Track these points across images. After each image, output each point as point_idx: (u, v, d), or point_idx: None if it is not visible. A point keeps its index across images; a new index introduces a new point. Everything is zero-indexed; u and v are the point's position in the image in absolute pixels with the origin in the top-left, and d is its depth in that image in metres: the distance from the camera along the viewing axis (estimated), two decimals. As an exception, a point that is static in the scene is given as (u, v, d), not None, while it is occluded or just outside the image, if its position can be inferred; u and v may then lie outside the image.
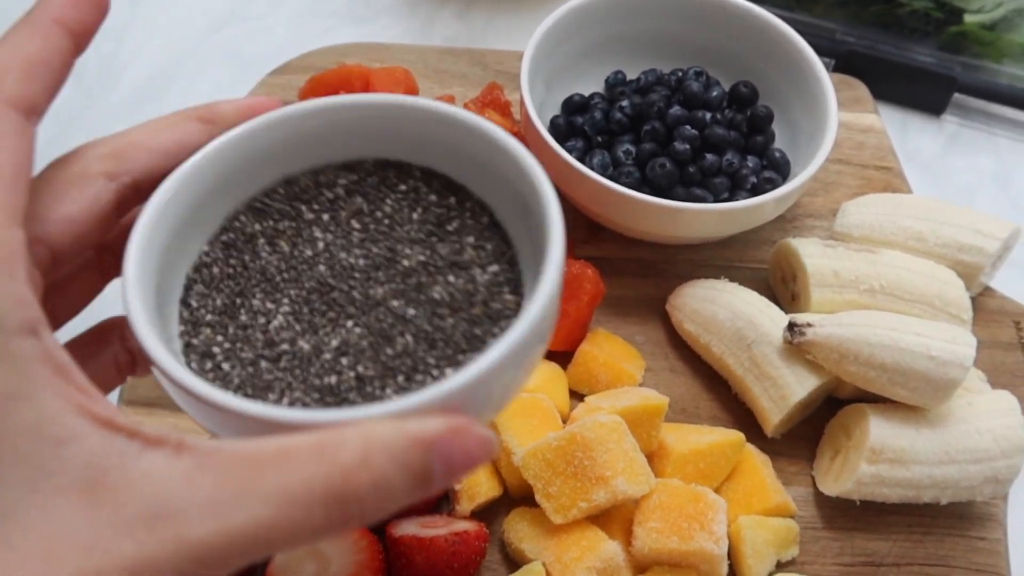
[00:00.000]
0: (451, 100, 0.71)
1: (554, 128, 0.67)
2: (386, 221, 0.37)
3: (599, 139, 0.65)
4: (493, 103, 0.71)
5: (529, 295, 0.32)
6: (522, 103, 0.62)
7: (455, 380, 0.28)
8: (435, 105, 0.37)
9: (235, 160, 0.36)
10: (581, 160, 0.63)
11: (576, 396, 0.58)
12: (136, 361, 0.38)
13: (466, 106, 0.71)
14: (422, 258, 0.36)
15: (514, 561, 0.52)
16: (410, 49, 0.78)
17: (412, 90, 0.69)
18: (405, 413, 0.27)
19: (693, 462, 0.53)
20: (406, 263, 0.36)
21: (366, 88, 0.68)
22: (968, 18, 0.79)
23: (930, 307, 0.57)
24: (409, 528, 0.49)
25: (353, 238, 0.37)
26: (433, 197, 0.38)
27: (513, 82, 0.73)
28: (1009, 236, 0.61)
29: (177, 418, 0.56)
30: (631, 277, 0.64)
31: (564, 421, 0.55)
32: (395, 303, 0.35)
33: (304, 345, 0.34)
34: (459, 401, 0.28)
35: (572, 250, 0.64)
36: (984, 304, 0.65)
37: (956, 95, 0.79)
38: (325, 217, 0.38)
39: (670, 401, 0.56)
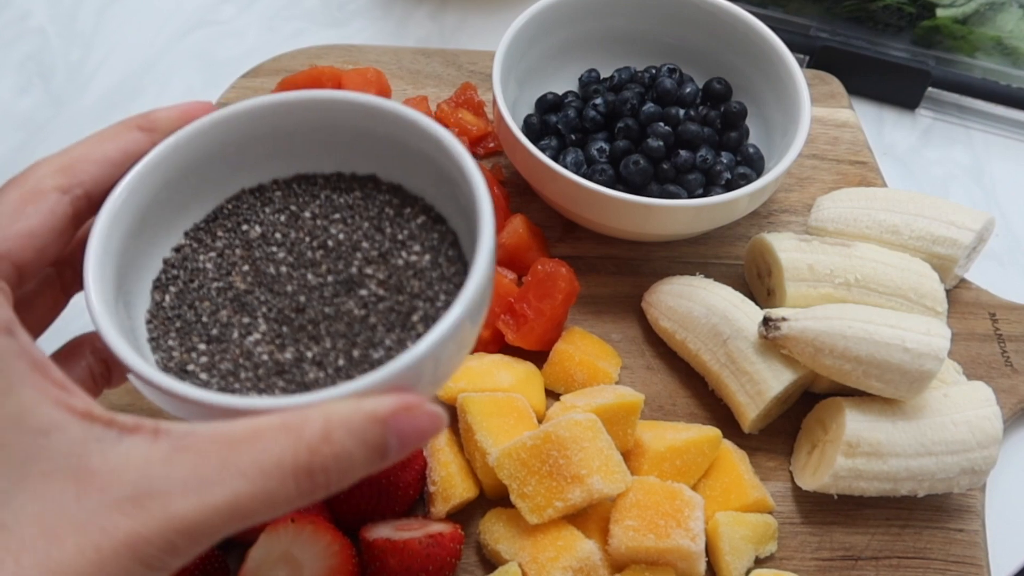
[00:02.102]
0: (424, 100, 0.70)
1: (527, 127, 0.66)
2: (340, 236, 0.39)
3: (573, 137, 0.65)
4: (467, 103, 0.71)
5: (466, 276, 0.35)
6: (495, 102, 0.62)
7: (401, 360, 0.31)
8: (364, 98, 0.39)
9: (177, 165, 0.38)
10: (555, 159, 0.63)
11: (552, 396, 0.57)
12: (112, 371, 0.39)
13: (439, 107, 0.71)
14: (371, 264, 0.38)
15: (490, 563, 0.51)
16: (383, 50, 0.77)
17: (384, 90, 0.69)
18: (361, 393, 0.30)
19: (670, 459, 0.53)
20: (358, 270, 0.38)
21: (337, 89, 0.68)
22: (941, 12, 0.79)
23: (905, 300, 0.57)
24: (383, 531, 0.48)
25: (310, 256, 0.39)
26: (375, 204, 0.40)
27: (487, 82, 0.73)
28: (983, 227, 0.61)
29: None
30: (606, 275, 0.64)
31: (540, 421, 0.55)
32: (355, 308, 0.37)
33: (282, 356, 0.36)
34: (407, 378, 0.31)
35: (547, 249, 0.64)
36: (960, 296, 0.65)
37: (930, 89, 0.79)
38: (278, 236, 0.40)
39: (647, 399, 0.56)
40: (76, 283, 0.38)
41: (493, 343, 0.58)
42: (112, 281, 0.35)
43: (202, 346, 0.36)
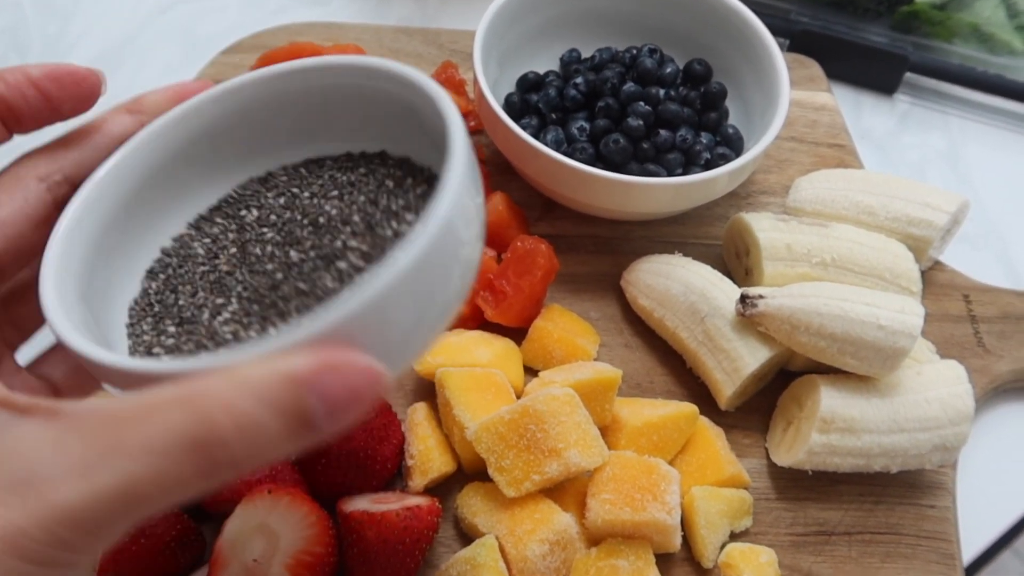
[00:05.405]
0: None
1: (508, 106, 0.66)
2: (332, 212, 0.37)
3: (553, 116, 0.65)
4: (447, 81, 0.70)
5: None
6: (475, 81, 0.62)
7: (333, 312, 0.25)
8: (361, 60, 0.36)
9: (166, 147, 0.36)
10: (535, 137, 0.63)
11: (531, 372, 0.57)
12: None
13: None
14: (356, 237, 0.36)
15: (468, 536, 0.51)
16: (364, 28, 0.77)
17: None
18: (277, 352, 0.25)
19: (647, 435, 0.53)
20: (342, 244, 0.36)
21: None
22: (919, -2, 0.79)
23: (881, 280, 0.58)
24: (360, 504, 0.48)
25: (298, 234, 0.37)
26: (376, 178, 0.38)
27: (468, 61, 0.73)
28: (958, 209, 0.62)
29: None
30: (586, 254, 0.64)
31: (518, 396, 0.55)
32: (329, 282, 0.34)
33: (246, 333, 0.34)
34: (344, 336, 0.26)
35: (527, 228, 0.64)
36: (934, 278, 0.65)
37: (908, 74, 0.79)
38: (273, 218, 0.38)
39: (624, 376, 0.56)
40: None
41: (472, 319, 0.58)
42: (79, 268, 0.34)
43: (172, 328, 0.35)
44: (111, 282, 0.36)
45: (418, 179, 0.37)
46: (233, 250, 0.37)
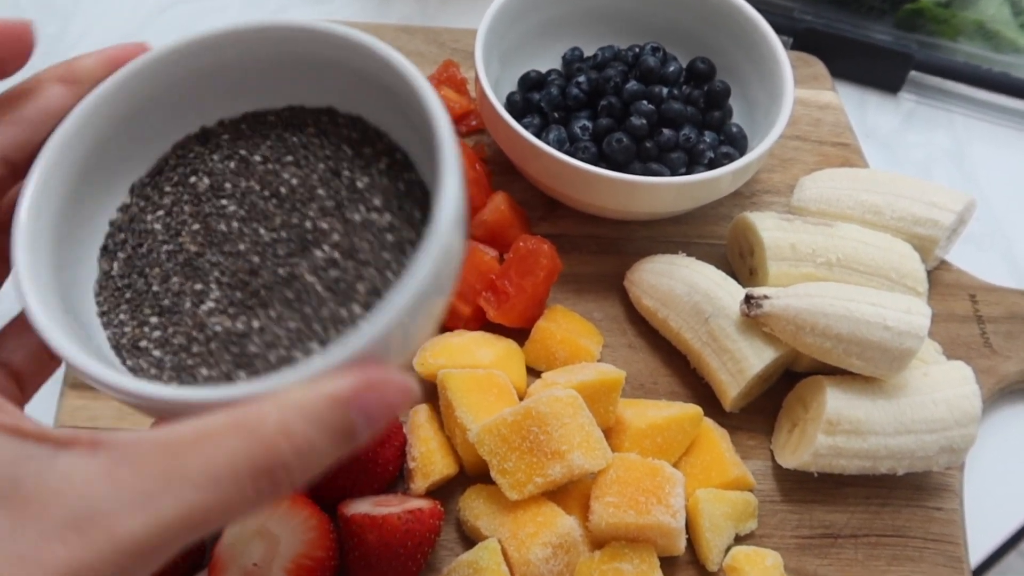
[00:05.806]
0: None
1: (510, 105, 0.66)
2: (293, 181, 0.36)
3: (555, 115, 0.64)
4: (449, 80, 0.70)
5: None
6: (477, 79, 0.61)
7: (362, 334, 0.27)
8: (309, 24, 0.35)
9: (110, 118, 0.35)
10: (537, 136, 0.62)
11: (533, 373, 0.57)
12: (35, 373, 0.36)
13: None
14: (327, 217, 0.35)
15: (470, 539, 0.51)
16: (365, 27, 0.76)
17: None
18: (318, 375, 0.27)
19: (651, 437, 0.52)
20: (312, 224, 0.35)
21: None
22: (923, -4, 0.79)
23: (886, 279, 0.57)
24: (361, 507, 0.47)
25: (262, 207, 0.36)
26: (331, 141, 0.37)
27: (469, 59, 0.72)
28: (964, 209, 0.61)
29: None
30: (589, 254, 0.64)
31: (521, 398, 0.54)
32: (306, 273, 0.34)
33: (233, 326, 0.33)
34: (370, 353, 0.28)
35: (529, 227, 0.64)
36: (940, 278, 0.65)
37: (912, 73, 0.79)
38: (228, 186, 0.36)
39: (628, 377, 0.56)
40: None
41: (474, 320, 0.58)
42: (48, 258, 0.32)
43: (154, 319, 0.34)
44: (75, 273, 0.34)
45: (377, 148, 0.36)
46: (196, 226, 0.35)
